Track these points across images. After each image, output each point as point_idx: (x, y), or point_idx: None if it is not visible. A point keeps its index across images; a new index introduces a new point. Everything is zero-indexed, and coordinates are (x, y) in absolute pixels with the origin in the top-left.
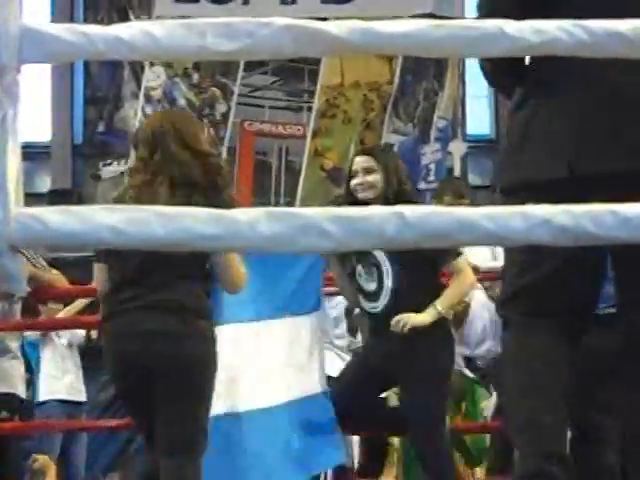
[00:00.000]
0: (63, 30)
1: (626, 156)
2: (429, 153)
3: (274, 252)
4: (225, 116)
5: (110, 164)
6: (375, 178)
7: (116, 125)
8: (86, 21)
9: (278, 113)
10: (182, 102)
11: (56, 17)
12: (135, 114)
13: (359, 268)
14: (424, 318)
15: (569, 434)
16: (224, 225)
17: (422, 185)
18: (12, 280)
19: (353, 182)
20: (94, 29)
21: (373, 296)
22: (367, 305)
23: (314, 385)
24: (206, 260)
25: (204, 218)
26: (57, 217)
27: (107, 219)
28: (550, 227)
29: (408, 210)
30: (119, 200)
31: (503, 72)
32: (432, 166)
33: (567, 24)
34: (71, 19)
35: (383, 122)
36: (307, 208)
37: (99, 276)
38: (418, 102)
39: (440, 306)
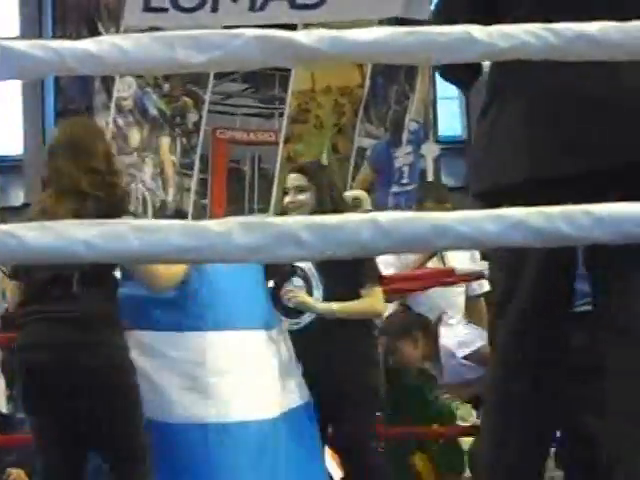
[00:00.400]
0: (33, 47)
1: (586, 157)
2: (402, 156)
3: (250, 262)
4: (197, 125)
5: None
6: (305, 197)
7: None
8: (55, 34)
9: (250, 120)
10: (154, 112)
11: (24, 30)
12: (107, 125)
13: (288, 282)
14: (316, 303)
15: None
16: (198, 237)
17: (395, 188)
18: None
19: (285, 200)
20: (64, 44)
21: (297, 312)
22: (288, 322)
23: (296, 397)
24: (112, 268)
25: (178, 230)
26: (32, 233)
27: (82, 234)
28: (524, 229)
29: (382, 217)
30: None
31: (458, 66)
32: (405, 169)
33: (535, 28)
34: (40, 33)
35: (355, 126)
36: (281, 217)
37: (11, 292)
38: (389, 105)
39: (336, 307)
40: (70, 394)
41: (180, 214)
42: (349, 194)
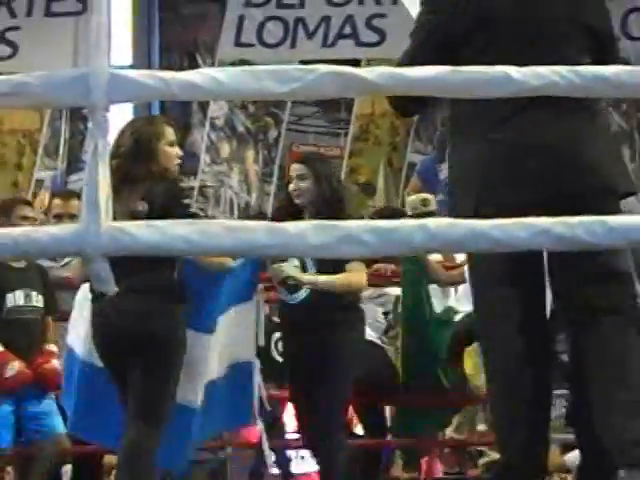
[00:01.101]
0: (144, 76)
1: (527, 190)
2: (445, 170)
3: (320, 257)
4: (276, 140)
5: (182, 180)
6: (306, 185)
7: (187, 148)
8: (161, 63)
9: (320, 138)
10: (241, 129)
11: (136, 60)
12: (202, 139)
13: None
14: (301, 276)
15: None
16: (277, 236)
17: (440, 197)
18: (103, 282)
19: (289, 188)
20: (170, 75)
21: (295, 286)
22: (288, 296)
23: (245, 354)
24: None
25: (262, 230)
26: (141, 230)
27: (182, 231)
28: (549, 236)
29: (431, 222)
30: None
31: (410, 100)
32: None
33: (561, 69)
34: (149, 61)
35: (407, 144)
36: (347, 221)
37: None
38: (436, 128)
39: (321, 280)
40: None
41: (261, 214)
42: (419, 196)
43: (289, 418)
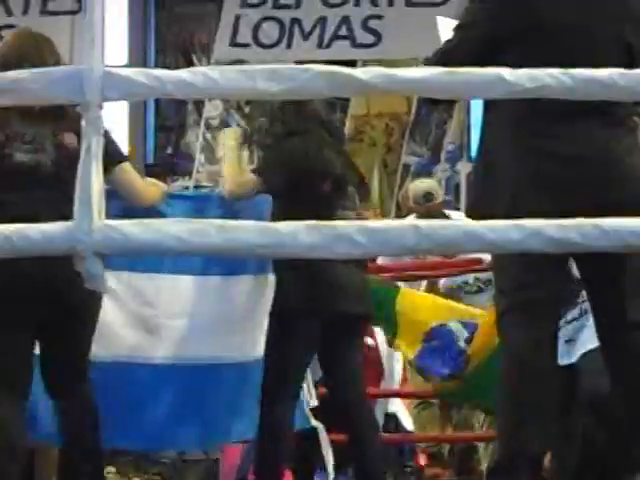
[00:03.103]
0: (138, 73)
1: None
2: (440, 171)
3: (311, 258)
4: None
5: (177, 180)
6: None
7: (181, 149)
8: (157, 62)
9: None
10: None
11: (131, 59)
12: (197, 139)
13: None
14: None
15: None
16: (269, 235)
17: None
18: (95, 280)
19: None
20: (164, 73)
21: None
22: None
23: (246, 351)
24: None
25: (254, 230)
26: (134, 228)
27: (175, 230)
28: (542, 237)
29: (422, 223)
30: None
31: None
32: (443, 182)
33: (555, 71)
34: (144, 61)
35: (402, 146)
36: (340, 221)
37: None
38: (431, 129)
39: None
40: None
41: None
42: (424, 188)
43: None
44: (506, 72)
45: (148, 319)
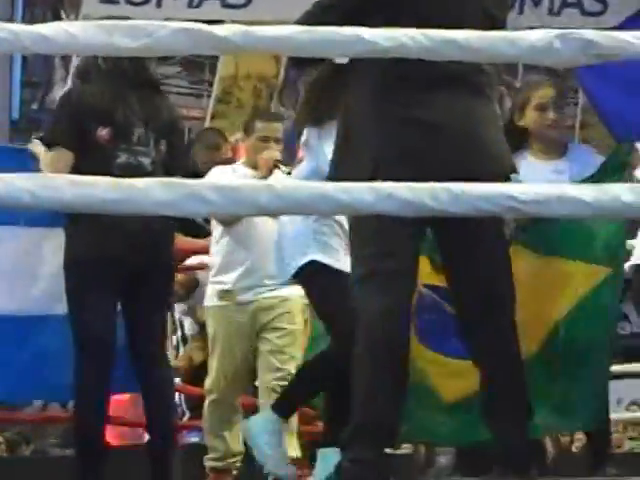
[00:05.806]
0: None
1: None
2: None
3: (165, 214)
4: None
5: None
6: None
7: (47, 105)
8: (24, 18)
9: (182, 98)
10: None
11: None
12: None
13: None
14: None
15: None
16: (122, 191)
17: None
18: None
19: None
20: (21, 27)
21: None
22: None
23: (51, 304)
24: None
25: (107, 185)
26: None
27: (27, 185)
28: (395, 200)
29: (278, 183)
30: None
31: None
32: None
33: (413, 32)
34: (12, 14)
35: (269, 108)
36: (195, 180)
37: None
38: (299, 92)
39: None
40: None
41: None
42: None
43: None
44: (365, 31)
45: None
